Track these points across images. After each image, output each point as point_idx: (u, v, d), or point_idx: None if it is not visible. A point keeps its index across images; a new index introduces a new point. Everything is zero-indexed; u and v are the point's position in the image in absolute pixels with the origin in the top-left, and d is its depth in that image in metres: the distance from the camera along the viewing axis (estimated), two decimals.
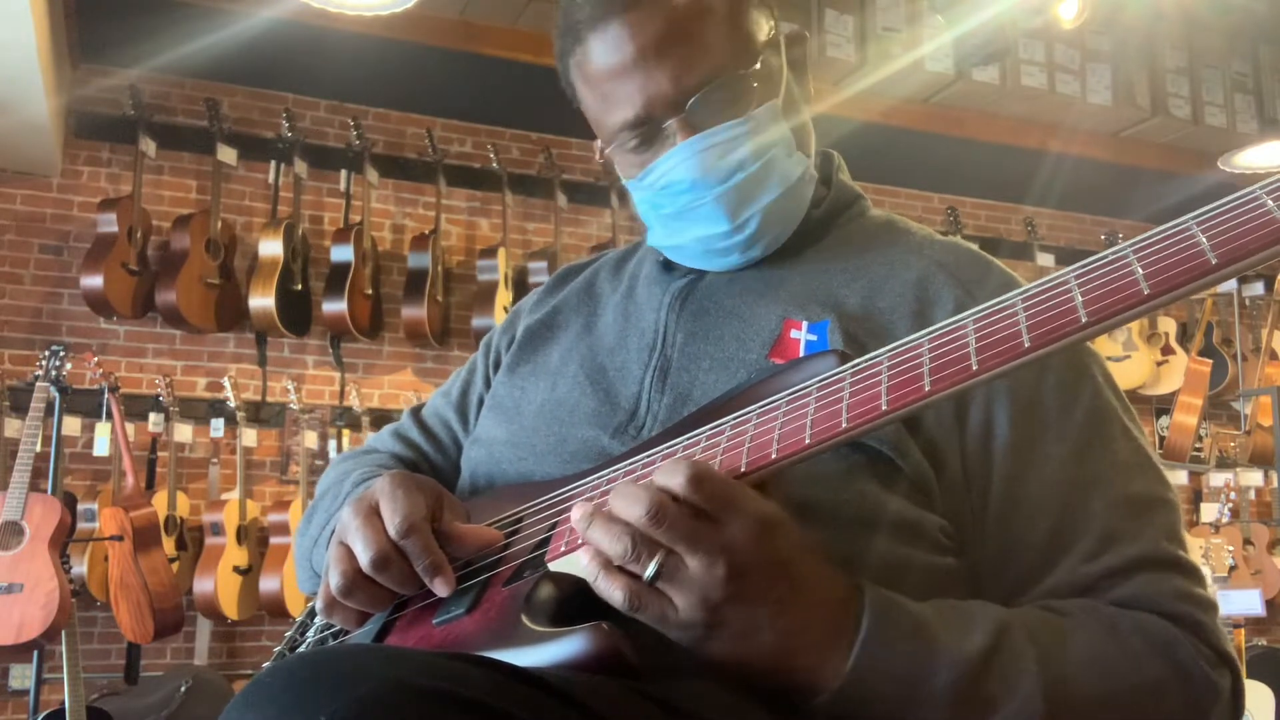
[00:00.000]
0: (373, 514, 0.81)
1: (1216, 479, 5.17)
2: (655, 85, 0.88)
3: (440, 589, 0.79)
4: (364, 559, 0.79)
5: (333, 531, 0.88)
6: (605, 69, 0.90)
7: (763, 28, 0.94)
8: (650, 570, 0.65)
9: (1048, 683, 0.70)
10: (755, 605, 0.66)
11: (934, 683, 0.68)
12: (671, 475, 0.66)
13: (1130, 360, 5.03)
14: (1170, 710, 0.74)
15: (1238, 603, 3.57)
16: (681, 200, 0.92)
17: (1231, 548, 4.60)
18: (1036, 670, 0.71)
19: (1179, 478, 5.23)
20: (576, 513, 0.70)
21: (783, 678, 0.69)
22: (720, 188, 0.91)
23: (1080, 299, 0.61)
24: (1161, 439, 5.05)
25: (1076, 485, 0.82)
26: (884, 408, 0.66)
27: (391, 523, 0.79)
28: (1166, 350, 5.18)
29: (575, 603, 0.74)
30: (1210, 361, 5.08)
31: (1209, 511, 5.08)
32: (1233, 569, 4.60)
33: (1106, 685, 0.73)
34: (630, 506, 0.66)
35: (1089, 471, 0.83)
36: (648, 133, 0.92)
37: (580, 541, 0.71)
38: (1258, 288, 5.25)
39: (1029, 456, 0.83)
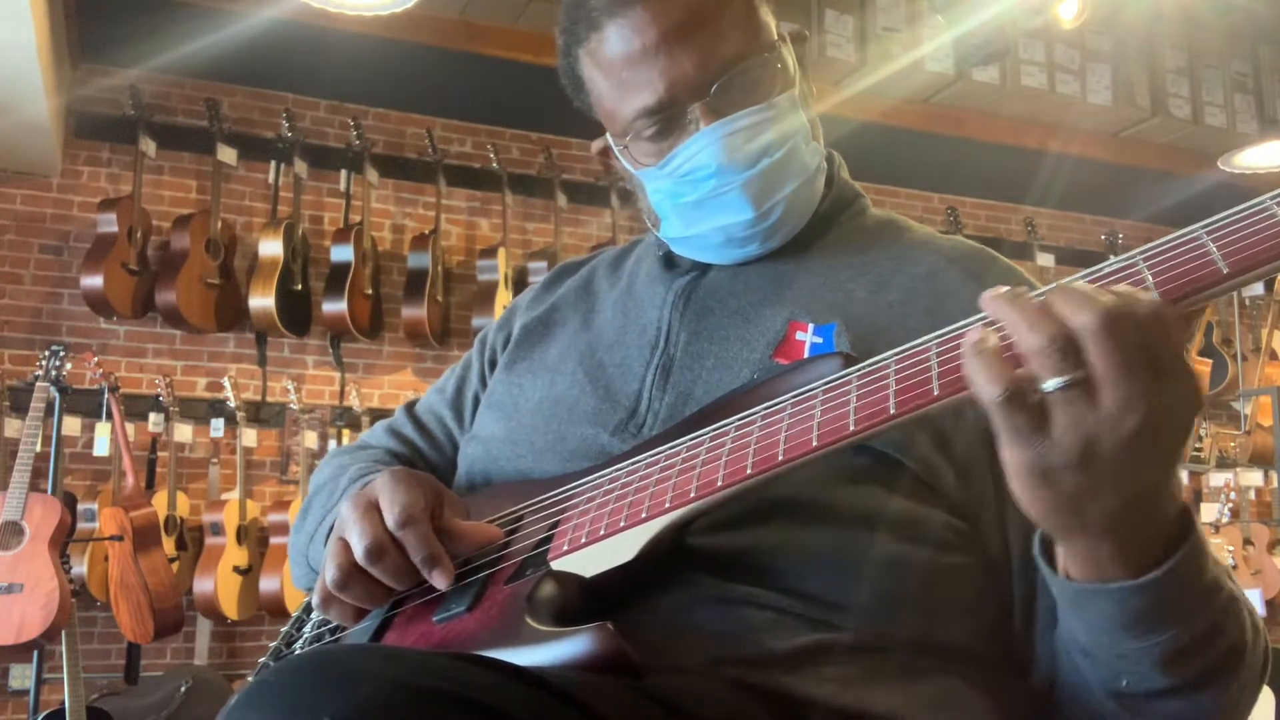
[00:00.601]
0: (371, 508, 0.81)
1: (1216, 479, 5.17)
2: (679, 69, 0.88)
3: (439, 581, 0.79)
4: (358, 549, 0.79)
5: (331, 527, 0.88)
6: (625, 55, 0.89)
7: (772, 21, 0.95)
8: (1061, 380, 0.56)
9: (1249, 623, 0.72)
10: (1126, 472, 0.59)
11: (1209, 604, 0.67)
12: (1136, 302, 0.57)
13: None
14: (1261, 661, 0.77)
15: None
16: (705, 187, 0.92)
17: (1231, 548, 4.61)
18: (1244, 613, 0.71)
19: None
20: (992, 292, 0.61)
21: (1075, 548, 0.65)
22: (746, 174, 0.90)
23: None
24: None
25: None
26: (892, 411, 0.66)
27: (390, 514, 0.79)
28: None
29: (578, 602, 0.74)
30: (1210, 361, 5.08)
31: (1209, 511, 5.08)
32: (1233, 569, 4.60)
33: (1251, 626, 0.75)
34: (1079, 309, 0.57)
35: None
36: (668, 119, 0.91)
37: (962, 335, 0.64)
38: (1258, 288, 5.25)
39: None
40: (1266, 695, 3.67)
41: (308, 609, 1.00)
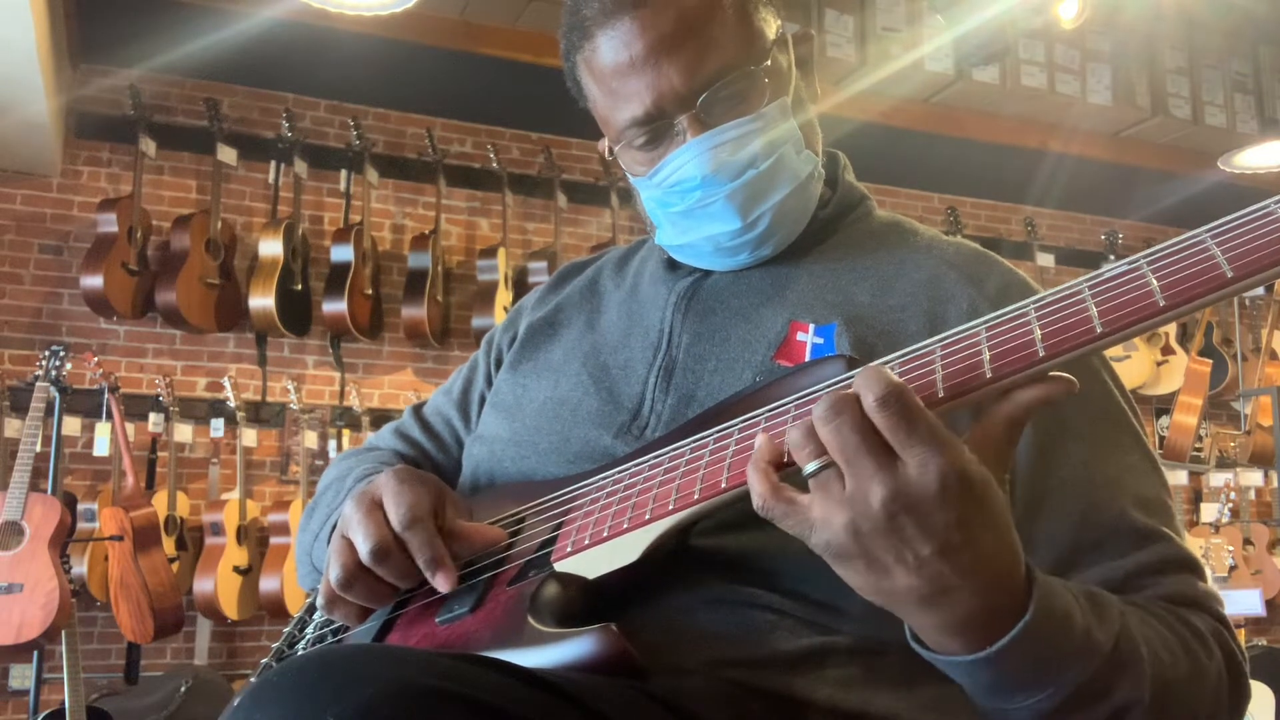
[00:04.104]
0: (375, 507, 0.81)
1: (1216, 479, 5.17)
2: (666, 81, 0.88)
3: (441, 584, 0.79)
4: (363, 550, 0.79)
5: (334, 526, 0.88)
6: (614, 65, 0.89)
7: (771, 26, 0.94)
8: (811, 466, 0.61)
9: (1153, 671, 0.69)
10: (899, 552, 0.60)
11: (1063, 678, 0.65)
12: (868, 383, 0.60)
13: (1130, 360, 5.03)
14: (1223, 699, 0.76)
15: (1238, 603, 3.58)
16: (692, 198, 0.92)
17: (1231, 548, 4.61)
18: (1147, 657, 0.69)
19: (1179, 478, 5.23)
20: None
21: (911, 622, 0.66)
22: (731, 185, 0.90)
23: (1095, 310, 0.61)
24: (1161, 439, 5.05)
25: (1098, 484, 0.82)
26: None
27: (395, 515, 0.79)
28: (1166, 350, 5.18)
29: (581, 604, 0.74)
30: (1210, 361, 5.08)
31: (1209, 511, 5.08)
32: (1233, 569, 4.61)
33: (1191, 668, 0.73)
34: (818, 404, 0.62)
35: (1108, 472, 0.83)
36: (657, 130, 0.91)
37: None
38: (1258, 288, 5.24)
39: (1051, 456, 0.83)
40: (1267, 695, 3.67)
41: (310, 609, 1.00)
